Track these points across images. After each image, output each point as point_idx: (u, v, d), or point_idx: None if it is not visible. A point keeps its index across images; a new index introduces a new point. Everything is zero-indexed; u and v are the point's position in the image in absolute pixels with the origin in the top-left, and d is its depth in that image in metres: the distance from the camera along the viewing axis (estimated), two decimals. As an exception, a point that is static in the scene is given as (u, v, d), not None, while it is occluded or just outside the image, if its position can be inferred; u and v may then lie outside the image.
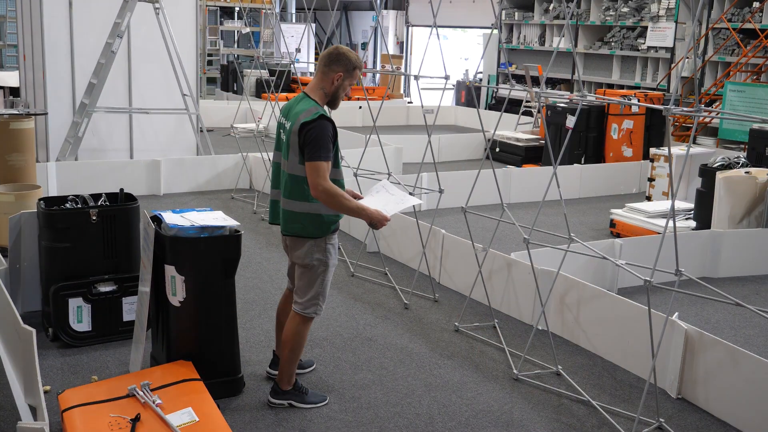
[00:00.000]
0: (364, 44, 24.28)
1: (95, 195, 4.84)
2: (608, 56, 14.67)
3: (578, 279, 5.00)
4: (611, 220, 7.54)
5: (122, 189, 4.97)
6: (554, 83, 15.76)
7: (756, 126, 8.39)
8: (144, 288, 4.04)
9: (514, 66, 16.05)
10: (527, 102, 13.48)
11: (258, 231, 7.34)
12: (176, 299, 3.86)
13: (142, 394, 3.50)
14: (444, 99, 8.62)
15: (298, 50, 8.49)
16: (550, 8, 15.81)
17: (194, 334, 3.94)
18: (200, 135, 9.76)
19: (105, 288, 4.62)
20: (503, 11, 16.80)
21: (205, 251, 3.86)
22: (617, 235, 7.26)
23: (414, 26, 23.25)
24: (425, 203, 8.30)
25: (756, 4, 11.93)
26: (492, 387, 4.31)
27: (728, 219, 6.97)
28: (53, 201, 4.78)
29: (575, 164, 9.88)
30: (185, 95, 9.48)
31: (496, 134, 11.12)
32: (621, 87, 14.29)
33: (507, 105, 5.46)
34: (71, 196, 4.80)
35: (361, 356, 4.64)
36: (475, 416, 3.98)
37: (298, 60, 9.70)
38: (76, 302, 4.54)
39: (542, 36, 16.29)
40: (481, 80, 17.22)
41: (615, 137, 10.39)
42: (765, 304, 5.84)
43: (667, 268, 3.89)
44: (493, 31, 14.71)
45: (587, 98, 4.39)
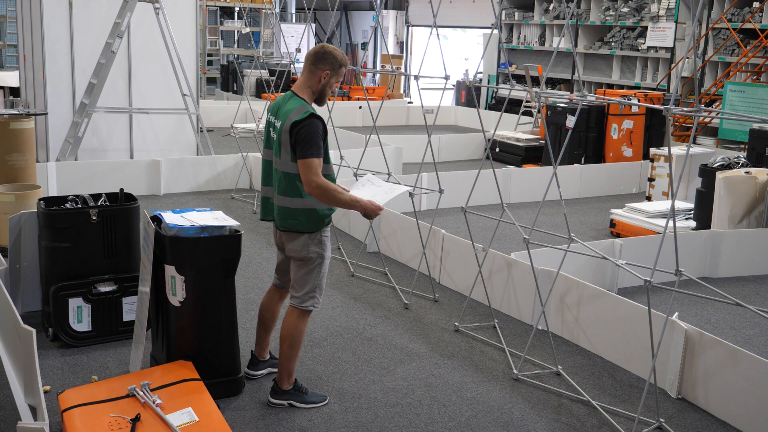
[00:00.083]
0: (364, 44, 24.28)
1: (95, 195, 4.84)
2: (608, 56, 14.67)
3: (578, 279, 5.00)
4: (611, 220, 7.54)
5: (122, 189, 4.97)
6: (554, 83, 15.77)
7: (756, 126, 8.39)
8: (144, 288, 4.04)
9: (514, 66, 16.05)
10: (527, 102, 13.48)
11: (258, 231, 7.34)
12: (176, 299, 3.86)
13: (142, 394, 3.51)
14: (444, 99, 8.62)
15: (298, 50, 8.50)
16: (550, 8, 15.80)
17: (194, 334, 3.94)
18: (200, 135, 9.76)
19: (105, 288, 4.62)
20: (503, 11, 16.80)
21: (205, 251, 3.87)
22: (617, 235, 7.27)
23: (414, 26, 23.23)
24: (425, 203, 8.31)
25: (756, 4, 11.93)
26: (492, 387, 4.31)
27: (728, 219, 6.97)
28: (53, 201, 4.78)
29: (575, 164, 9.87)
30: (185, 95, 9.48)
31: (496, 134, 11.13)
32: (621, 87, 14.29)
33: (507, 105, 5.47)
34: (71, 196, 4.80)
35: (361, 356, 4.64)
36: (475, 416, 3.98)
37: (298, 60, 9.69)
38: (76, 302, 4.54)
39: (542, 36, 16.29)
40: (481, 80, 17.22)
41: (615, 137, 10.39)
42: (765, 304, 5.84)
43: (667, 268, 3.90)
44: (493, 31, 14.71)
45: (587, 98, 4.39)
